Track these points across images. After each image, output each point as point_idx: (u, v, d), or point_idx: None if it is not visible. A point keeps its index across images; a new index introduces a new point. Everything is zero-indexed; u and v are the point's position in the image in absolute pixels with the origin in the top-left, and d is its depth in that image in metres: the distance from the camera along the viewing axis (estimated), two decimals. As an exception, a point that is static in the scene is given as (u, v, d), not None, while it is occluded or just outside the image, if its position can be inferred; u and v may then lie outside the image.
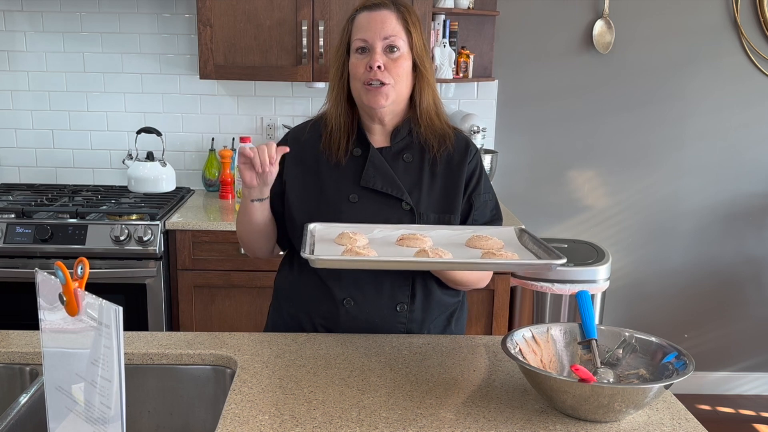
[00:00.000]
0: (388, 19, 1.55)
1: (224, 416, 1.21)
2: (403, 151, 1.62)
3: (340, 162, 1.61)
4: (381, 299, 1.58)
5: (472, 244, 1.50)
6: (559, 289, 2.94)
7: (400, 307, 1.60)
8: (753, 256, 3.53)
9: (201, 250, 2.75)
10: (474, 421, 1.21)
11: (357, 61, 1.56)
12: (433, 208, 1.60)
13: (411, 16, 1.58)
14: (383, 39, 1.54)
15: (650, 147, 3.41)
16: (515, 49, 3.30)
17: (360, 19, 1.58)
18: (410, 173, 1.61)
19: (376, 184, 1.58)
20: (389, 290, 1.58)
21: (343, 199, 1.59)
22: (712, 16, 3.29)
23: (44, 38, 3.19)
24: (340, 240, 1.47)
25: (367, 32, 1.55)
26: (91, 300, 0.95)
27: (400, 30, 1.55)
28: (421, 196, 1.60)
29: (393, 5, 1.57)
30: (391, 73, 1.54)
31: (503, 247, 1.47)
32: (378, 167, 1.59)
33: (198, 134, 3.29)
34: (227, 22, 2.86)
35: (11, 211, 2.73)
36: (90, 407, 0.97)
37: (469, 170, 1.63)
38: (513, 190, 3.40)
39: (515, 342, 1.32)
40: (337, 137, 1.61)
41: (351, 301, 1.58)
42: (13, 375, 1.45)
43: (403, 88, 1.58)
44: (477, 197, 1.64)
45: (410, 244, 1.46)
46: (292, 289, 1.67)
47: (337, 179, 1.61)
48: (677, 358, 1.27)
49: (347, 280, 1.58)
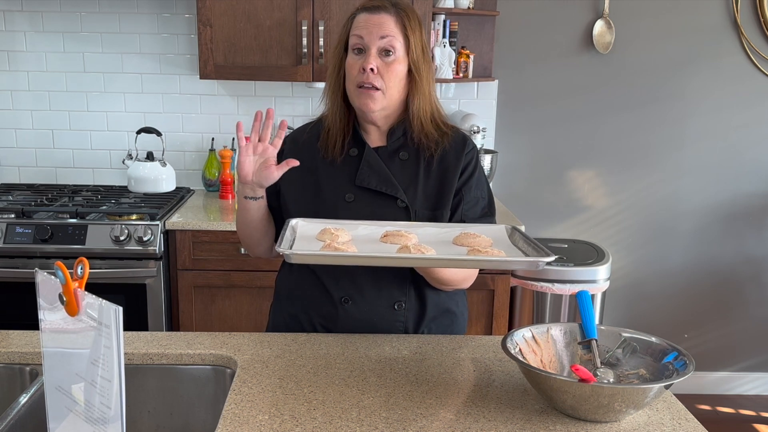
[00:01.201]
0: (386, 21, 1.55)
1: (224, 416, 1.21)
2: (399, 150, 1.62)
3: (336, 160, 1.61)
4: (379, 298, 1.59)
5: (459, 241, 1.47)
6: (559, 289, 2.94)
7: (398, 306, 1.60)
8: (753, 256, 3.53)
9: (201, 250, 2.75)
10: (474, 421, 1.21)
11: (353, 61, 1.57)
12: (427, 205, 1.60)
13: (411, 20, 1.57)
14: (379, 39, 1.54)
15: (650, 147, 3.41)
16: (515, 49, 3.30)
17: (359, 19, 1.58)
18: (406, 171, 1.61)
19: (371, 183, 1.58)
20: (387, 289, 1.58)
21: (339, 198, 1.59)
22: (712, 16, 3.29)
23: (44, 38, 3.19)
24: (321, 236, 1.45)
25: (363, 31, 1.55)
26: (91, 300, 0.95)
27: (397, 33, 1.55)
28: (416, 193, 1.60)
29: (393, 8, 1.57)
30: (384, 77, 1.54)
31: (491, 245, 1.45)
32: (373, 166, 1.59)
33: (198, 134, 3.29)
34: (227, 22, 2.86)
35: (11, 211, 2.73)
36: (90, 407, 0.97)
37: (463, 164, 1.62)
38: (513, 190, 3.40)
39: (515, 342, 1.32)
40: (334, 135, 1.62)
41: (349, 300, 1.58)
42: (13, 375, 1.45)
43: (395, 93, 1.57)
44: (467, 191, 1.62)
45: (394, 241, 1.44)
46: (291, 288, 1.67)
47: (333, 178, 1.61)
48: (677, 358, 1.27)
49: (345, 279, 1.58)
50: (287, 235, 1.42)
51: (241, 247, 2.72)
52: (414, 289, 1.61)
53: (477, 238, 1.46)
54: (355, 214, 1.56)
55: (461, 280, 1.61)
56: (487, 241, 1.45)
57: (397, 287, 1.59)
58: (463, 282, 1.62)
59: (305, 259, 1.38)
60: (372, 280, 1.58)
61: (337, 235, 1.44)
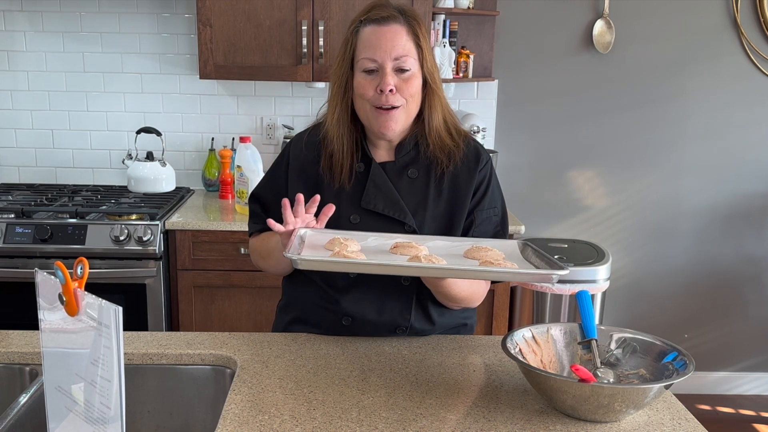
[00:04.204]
0: (398, 35, 1.44)
1: (224, 416, 1.21)
2: (408, 166, 1.54)
3: (344, 186, 1.52)
4: (380, 322, 1.54)
5: (470, 255, 1.41)
6: (559, 289, 2.94)
7: (399, 331, 1.56)
8: (752, 256, 3.53)
9: (201, 250, 2.75)
10: (474, 421, 1.21)
11: (365, 81, 1.46)
12: (437, 229, 1.52)
13: (421, 27, 1.47)
14: (394, 60, 1.44)
15: (650, 147, 3.41)
16: (515, 49, 3.30)
17: (367, 34, 1.46)
18: (415, 191, 1.53)
19: (377, 206, 1.50)
20: (389, 314, 1.53)
21: (344, 220, 1.51)
22: (712, 16, 3.29)
23: (44, 38, 3.19)
24: (330, 245, 1.40)
25: (376, 51, 1.44)
26: (91, 300, 0.95)
27: (411, 48, 1.45)
28: (425, 216, 1.52)
29: (402, 16, 1.46)
30: (403, 94, 1.45)
31: (504, 258, 1.39)
32: (380, 186, 1.51)
33: (198, 134, 3.29)
34: (227, 22, 2.86)
35: (11, 211, 2.73)
36: (90, 407, 0.97)
37: (476, 183, 1.54)
38: (513, 190, 3.40)
39: (515, 342, 1.32)
40: (339, 160, 1.52)
41: (349, 319, 1.54)
42: (13, 375, 1.45)
43: (414, 107, 1.49)
44: (479, 213, 1.55)
45: (404, 252, 1.39)
46: (296, 296, 1.64)
47: (338, 199, 1.51)
48: (677, 358, 1.27)
49: (349, 298, 1.53)
50: (296, 243, 1.36)
51: (241, 247, 2.72)
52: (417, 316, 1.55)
53: (489, 252, 1.39)
54: None
55: (470, 297, 1.53)
56: (499, 255, 1.39)
57: (399, 312, 1.53)
58: (472, 300, 1.54)
59: (314, 265, 1.30)
60: (376, 302, 1.52)
61: (346, 245, 1.37)
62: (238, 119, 3.28)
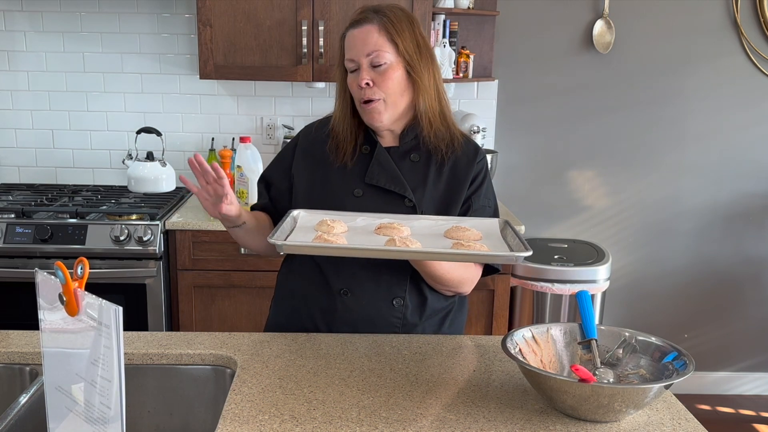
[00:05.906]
0: (369, 34, 1.55)
1: (224, 416, 1.21)
2: (410, 152, 1.63)
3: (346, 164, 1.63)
4: (378, 292, 1.59)
5: (450, 234, 1.49)
6: (559, 289, 2.94)
7: (397, 302, 1.60)
8: (752, 256, 3.53)
9: (201, 250, 2.75)
10: (474, 421, 1.21)
11: (351, 80, 1.59)
12: (435, 207, 1.61)
13: (395, 23, 1.56)
14: (366, 56, 1.55)
15: (650, 147, 3.41)
16: (515, 49, 3.30)
17: (347, 38, 1.59)
18: (416, 172, 1.62)
19: (380, 180, 1.60)
20: (386, 284, 1.59)
21: (348, 193, 1.61)
22: (712, 16, 3.29)
23: (44, 38, 3.19)
24: (319, 227, 1.48)
25: (352, 51, 1.57)
26: (91, 300, 0.95)
27: (383, 42, 1.55)
28: (424, 194, 1.61)
29: (376, 15, 1.57)
30: (381, 88, 1.55)
31: (481, 239, 1.46)
32: (383, 164, 1.61)
33: (198, 134, 3.29)
34: (227, 22, 2.86)
35: (11, 211, 2.73)
36: (90, 407, 0.97)
37: (474, 172, 1.64)
38: (513, 190, 3.40)
39: (515, 342, 1.32)
40: (344, 145, 1.64)
41: (348, 292, 1.59)
42: (13, 375, 1.45)
43: (398, 98, 1.58)
44: (476, 199, 1.64)
45: (386, 233, 1.46)
46: (291, 282, 1.69)
47: (343, 174, 1.63)
48: (677, 358, 1.27)
49: (345, 272, 1.59)
50: (285, 225, 1.46)
51: (241, 247, 2.72)
52: (414, 286, 1.61)
53: (466, 232, 1.47)
54: (363, 210, 1.58)
55: (457, 281, 1.59)
56: (476, 235, 1.47)
57: (396, 283, 1.59)
58: (460, 284, 1.60)
59: (294, 249, 1.41)
60: (372, 274, 1.58)
61: (332, 227, 1.46)
62: (238, 119, 3.28)
